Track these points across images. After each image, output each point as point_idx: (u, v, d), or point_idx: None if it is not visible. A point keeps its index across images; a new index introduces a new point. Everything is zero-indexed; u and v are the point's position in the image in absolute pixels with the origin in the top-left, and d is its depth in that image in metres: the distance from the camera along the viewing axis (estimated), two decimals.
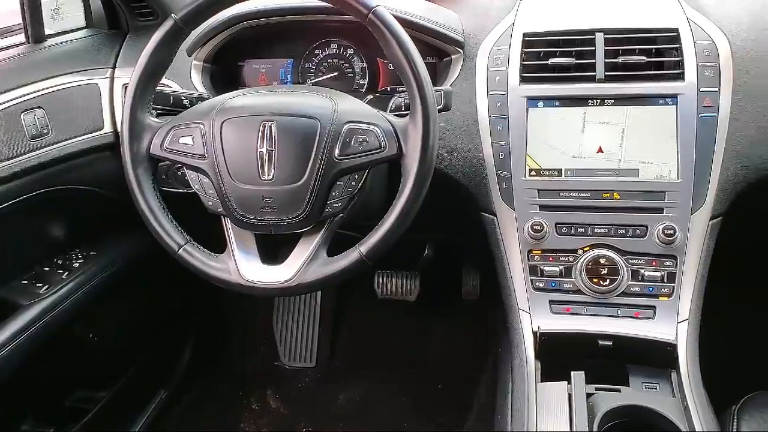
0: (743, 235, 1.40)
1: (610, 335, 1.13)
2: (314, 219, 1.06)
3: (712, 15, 1.27)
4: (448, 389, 2.01)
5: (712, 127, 1.17)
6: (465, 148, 1.26)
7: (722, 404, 1.21)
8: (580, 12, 1.30)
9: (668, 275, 1.14)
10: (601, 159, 1.20)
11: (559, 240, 1.19)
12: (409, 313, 2.17)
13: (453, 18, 1.36)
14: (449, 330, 2.15)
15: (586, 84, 1.21)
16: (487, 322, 1.94)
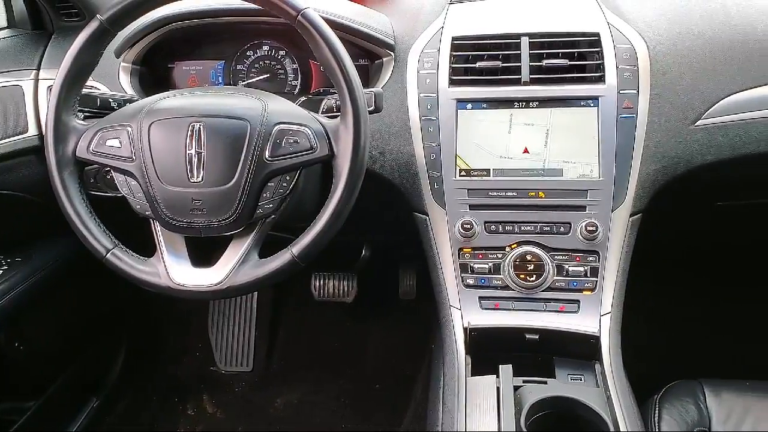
0: (662, 230, 1.46)
1: (536, 329, 1.16)
2: (245, 221, 1.06)
3: (632, 20, 1.32)
4: (385, 389, 2.03)
5: (631, 127, 1.22)
6: (397, 149, 1.28)
7: (647, 393, 1.26)
8: (506, 17, 1.34)
9: (591, 270, 1.19)
10: (527, 159, 1.24)
11: (488, 238, 1.22)
12: (346, 314, 2.18)
13: (384, 21, 1.38)
14: (387, 330, 2.17)
15: (512, 87, 1.25)
16: (424, 321, 1.97)
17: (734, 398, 1.24)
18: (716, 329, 2.00)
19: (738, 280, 2.01)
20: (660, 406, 1.22)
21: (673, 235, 1.77)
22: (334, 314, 2.19)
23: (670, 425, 1.18)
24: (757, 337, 1.96)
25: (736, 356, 1.90)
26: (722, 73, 1.28)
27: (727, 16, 1.34)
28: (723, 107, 1.26)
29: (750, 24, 1.32)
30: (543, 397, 0.99)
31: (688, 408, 1.22)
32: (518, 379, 1.06)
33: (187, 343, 2.20)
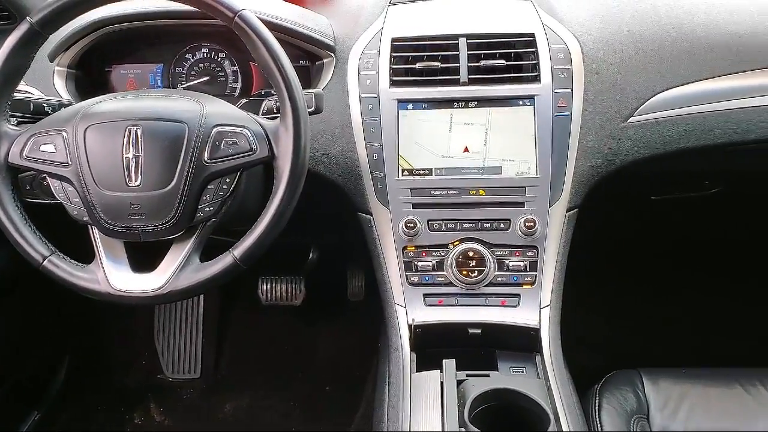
0: (600, 224, 1.50)
1: (479, 323, 1.19)
2: (185, 224, 1.05)
3: (566, 21, 1.36)
4: (336, 390, 2.03)
5: (566, 125, 1.25)
6: (340, 149, 1.29)
7: (588, 383, 1.30)
8: (444, 18, 1.36)
9: (530, 264, 1.22)
10: (468, 158, 1.26)
11: (431, 236, 1.24)
12: (295, 317, 2.17)
13: (323, 23, 1.39)
14: (336, 332, 2.17)
15: (452, 87, 1.27)
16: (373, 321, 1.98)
17: (671, 386, 1.28)
18: (654, 319, 2.06)
19: (673, 272, 2.08)
20: (600, 395, 1.25)
21: (610, 228, 1.82)
22: (282, 318, 2.18)
23: (610, 414, 1.21)
24: (693, 326, 2.03)
25: (674, 345, 1.97)
26: (653, 71, 1.32)
27: (657, 16, 1.39)
28: (654, 104, 1.31)
29: (679, 23, 1.37)
30: (485, 390, 1.00)
31: (627, 396, 1.26)
32: (462, 373, 1.08)
33: (132, 352, 2.16)
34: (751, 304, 2.05)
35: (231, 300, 2.21)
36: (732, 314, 2.06)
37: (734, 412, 1.24)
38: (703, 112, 1.31)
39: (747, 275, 2.08)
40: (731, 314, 2.06)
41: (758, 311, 2.04)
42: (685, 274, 2.08)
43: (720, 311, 2.06)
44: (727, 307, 2.06)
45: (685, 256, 2.06)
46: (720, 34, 1.36)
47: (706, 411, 1.25)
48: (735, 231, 2.00)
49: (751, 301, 2.06)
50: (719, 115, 1.31)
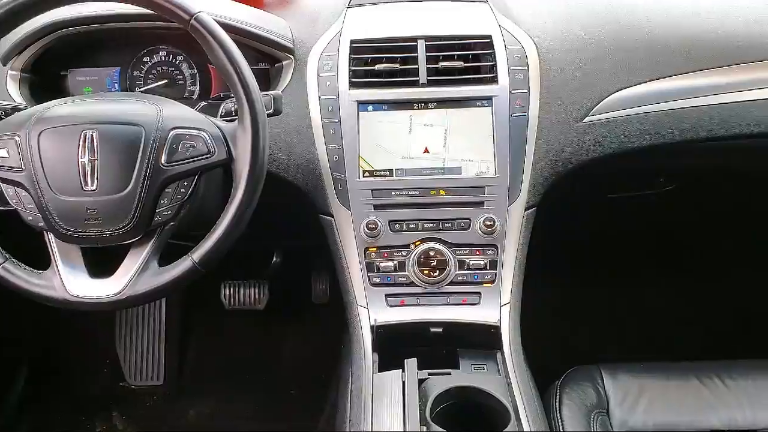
0: (559, 222, 1.52)
1: (440, 322, 1.20)
2: (143, 229, 1.04)
3: (522, 23, 1.38)
4: (301, 393, 2.02)
5: (523, 125, 1.27)
6: (300, 151, 1.29)
7: (551, 379, 1.32)
8: (403, 21, 1.37)
9: (490, 263, 1.23)
10: (428, 159, 1.27)
11: (392, 236, 1.24)
12: (259, 322, 2.16)
13: (282, 25, 1.38)
14: (301, 335, 2.16)
15: (411, 88, 1.28)
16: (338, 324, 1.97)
17: (630, 380, 1.31)
18: (612, 314, 2.10)
19: (631, 268, 2.12)
20: (561, 391, 1.27)
21: (568, 226, 1.85)
22: (246, 322, 2.16)
23: (571, 409, 1.23)
24: (650, 320, 2.07)
25: (632, 339, 2.00)
26: (608, 71, 1.35)
27: (611, 16, 1.41)
28: (609, 104, 1.33)
29: (633, 24, 1.40)
30: (447, 388, 1.01)
31: (588, 392, 1.28)
32: (424, 372, 1.08)
33: (93, 360, 2.12)
34: (704, 298, 2.10)
35: (194, 305, 2.18)
36: (687, 308, 2.11)
37: (691, 404, 1.27)
38: (658, 111, 1.34)
39: (701, 270, 2.14)
40: (686, 308, 2.11)
41: (711, 305, 2.09)
42: (641, 270, 2.12)
43: (676, 306, 2.11)
44: (683, 302, 2.11)
45: (641, 252, 2.10)
46: (674, 35, 1.39)
47: (665, 404, 1.27)
48: (688, 227, 2.04)
49: (704, 295, 2.11)
50: (673, 114, 1.34)
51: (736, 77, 1.37)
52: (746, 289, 2.11)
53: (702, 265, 2.14)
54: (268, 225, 1.57)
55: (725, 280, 2.13)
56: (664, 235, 2.07)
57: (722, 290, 2.12)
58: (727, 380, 1.30)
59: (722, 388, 1.29)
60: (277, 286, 2.08)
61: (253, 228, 1.09)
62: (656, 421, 1.24)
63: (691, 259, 2.14)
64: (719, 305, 2.10)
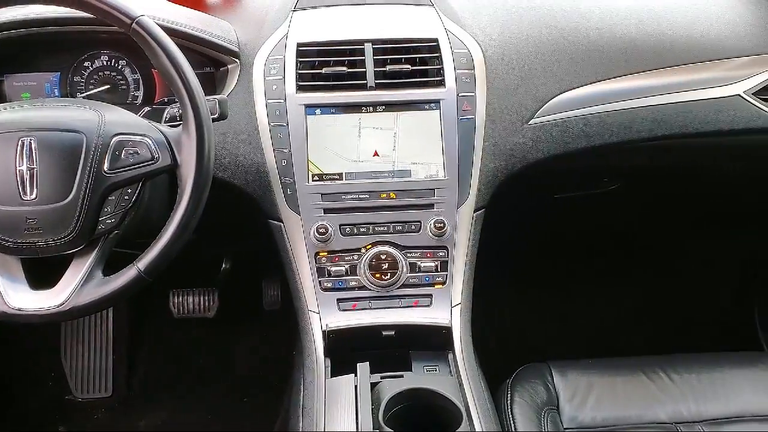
0: (508, 223, 1.54)
1: (392, 325, 1.20)
2: (86, 238, 1.01)
3: (467, 26, 1.39)
4: (254, 400, 2.00)
5: (470, 128, 1.28)
6: (248, 156, 1.27)
7: (502, 378, 1.33)
8: (349, 24, 1.37)
9: (441, 264, 1.24)
10: (378, 162, 1.27)
11: (343, 240, 1.24)
12: (210, 329, 2.12)
13: (227, 28, 1.37)
14: (253, 342, 2.14)
15: (359, 92, 1.28)
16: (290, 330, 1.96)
17: (579, 376, 1.33)
18: (561, 312, 2.14)
19: (579, 265, 2.17)
20: (512, 389, 1.28)
21: (516, 227, 1.88)
22: (196, 330, 2.13)
23: (522, 407, 1.24)
24: (598, 317, 2.12)
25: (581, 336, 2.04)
26: (551, 74, 1.37)
27: (554, 20, 1.44)
28: (553, 106, 1.36)
29: (575, 28, 1.43)
30: (399, 391, 1.01)
31: (538, 389, 1.30)
32: (376, 375, 1.08)
33: (37, 373, 2.05)
34: (650, 293, 2.16)
35: (142, 314, 2.14)
36: (634, 304, 2.16)
37: (638, 399, 1.30)
38: (601, 113, 1.37)
39: (646, 266, 2.19)
40: (633, 304, 2.16)
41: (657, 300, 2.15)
42: (589, 268, 2.17)
43: (623, 301, 2.16)
44: (629, 297, 2.17)
45: (588, 250, 2.15)
46: (614, 38, 1.43)
47: (613, 399, 1.30)
48: (632, 225, 2.10)
49: (649, 291, 2.17)
50: (615, 115, 1.38)
51: (674, 79, 1.41)
52: (689, 284, 2.18)
53: (647, 261, 2.20)
54: (216, 231, 1.55)
55: (669, 276, 2.19)
56: (610, 232, 2.12)
57: (667, 285, 2.18)
58: (672, 374, 1.34)
59: (667, 382, 1.33)
60: (227, 293, 2.05)
61: (200, 234, 1.07)
62: (605, 416, 1.27)
63: (636, 256, 2.19)
64: (664, 300, 2.16)
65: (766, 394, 1.30)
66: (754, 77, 1.42)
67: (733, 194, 1.80)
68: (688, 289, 2.17)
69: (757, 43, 1.46)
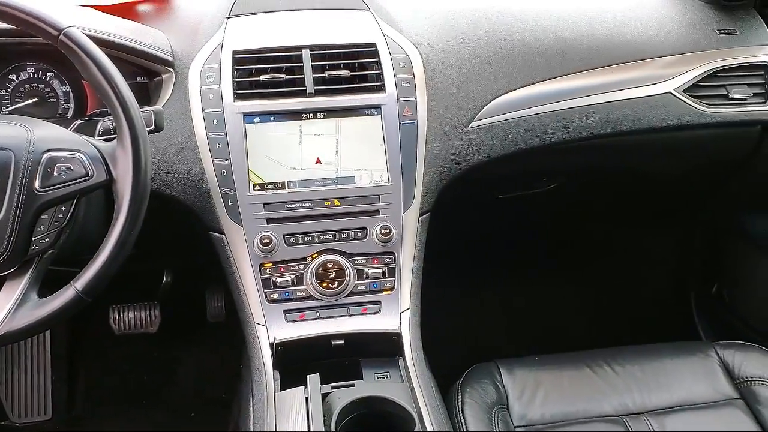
0: (453, 226, 1.55)
1: (341, 334, 1.18)
2: (18, 259, 0.96)
3: (405, 31, 1.40)
4: (201, 416, 1.96)
5: (412, 132, 1.28)
6: (186, 168, 1.24)
7: (452, 380, 1.34)
8: (286, 30, 1.35)
9: (389, 270, 1.23)
10: (320, 169, 1.25)
11: (288, 250, 1.22)
12: (153, 345, 2.07)
13: (160, 37, 1.33)
14: (198, 356, 2.10)
15: (299, 99, 1.27)
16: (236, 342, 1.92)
17: (526, 374, 1.35)
18: (508, 311, 2.17)
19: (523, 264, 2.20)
20: (462, 390, 1.29)
21: (461, 229, 1.89)
22: (139, 346, 2.07)
23: (472, 407, 1.25)
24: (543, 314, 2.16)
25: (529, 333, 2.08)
26: (489, 76, 1.39)
27: (490, 24, 1.46)
28: (493, 108, 1.38)
29: (510, 31, 1.45)
30: (351, 400, 1.00)
31: (487, 389, 1.31)
32: (327, 386, 1.07)
33: None
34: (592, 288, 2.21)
35: (81, 332, 2.06)
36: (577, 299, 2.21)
37: (585, 393, 1.33)
38: (539, 114, 1.40)
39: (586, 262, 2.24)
40: (576, 299, 2.21)
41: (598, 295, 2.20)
42: (532, 266, 2.20)
43: (567, 297, 2.20)
44: (573, 293, 2.21)
45: (531, 249, 2.18)
46: (548, 39, 1.45)
47: (560, 395, 1.32)
48: (573, 222, 2.14)
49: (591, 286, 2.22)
50: (553, 116, 1.41)
51: (608, 78, 1.45)
52: (629, 278, 2.24)
53: (587, 257, 2.25)
54: (156, 245, 1.51)
55: (610, 271, 2.25)
56: (551, 230, 2.16)
57: (608, 280, 2.24)
58: (616, 367, 1.37)
59: (612, 375, 1.36)
60: (169, 307, 2.00)
61: (139, 249, 1.04)
62: (553, 412, 1.29)
63: (577, 252, 2.24)
64: (606, 295, 2.22)
65: (706, 382, 1.34)
66: (682, 75, 1.47)
67: (667, 189, 1.86)
68: (628, 282, 2.23)
69: (684, 42, 1.51)
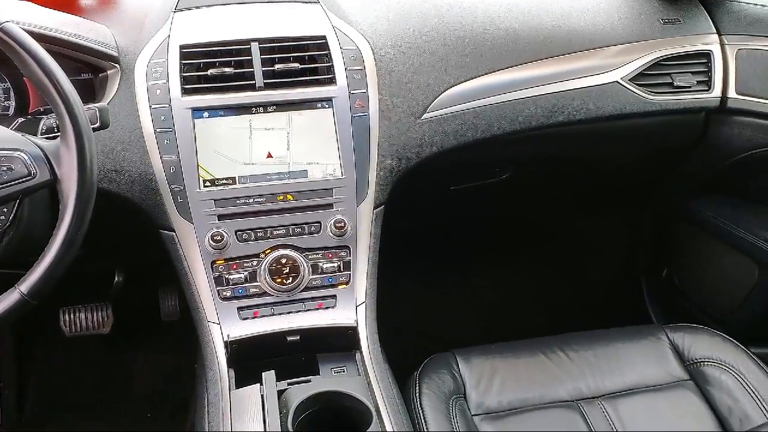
0: (405, 217, 1.55)
1: (297, 330, 1.18)
2: None
3: (355, 23, 1.39)
4: (159, 416, 1.93)
5: (365, 125, 1.27)
6: (134, 165, 1.22)
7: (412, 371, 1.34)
8: (234, 24, 1.33)
9: (344, 264, 1.23)
10: (272, 164, 1.24)
11: (240, 247, 1.20)
12: (106, 346, 2.03)
13: (103, 32, 1.30)
14: (153, 356, 2.06)
15: (248, 92, 1.25)
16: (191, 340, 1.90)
17: (483, 362, 1.36)
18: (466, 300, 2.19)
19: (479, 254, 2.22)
20: (419, 381, 1.29)
21: (417, 220, 1.90)
22: (92, 348, 2.02)
23: (430, 398, 1.26)
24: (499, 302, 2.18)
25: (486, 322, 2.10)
26: (440, 68, 1.39)
27: (440, 16, 1.46)
28: (444, 100, 1.38)
29: (460, 22, 1.46)
30: (307, 396, 1.00)
31: (445, 379, 1.31)
32: (283, 382, 1.06)
33: None
34: (547, 275, 2.25)
35: (31, 336, 2.01)
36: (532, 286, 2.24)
37: (540, 379, 1.34)
38: (491, 104, 1.41)
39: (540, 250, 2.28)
40: (531, 286, 2.24)
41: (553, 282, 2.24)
42: (488, 255, 2.23)
43: (522, 285, 2.23)
44: (528, 280, 2.24)
45: (486, 238, 2.21)
46: (498, 30, 1.46)
47: (516, 382, 1.33)
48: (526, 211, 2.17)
49: (546, 273, 2.25)
50: (504, 107, 1.42)
51: (557, 68, 1.47)
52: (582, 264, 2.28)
53: (541, 244, 2.28)
54: (105, 244, 1.48)
55: (564, 258, 2.28)
56: (506, 220, 2.18)
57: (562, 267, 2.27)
58: (570, 353, 1.39)
59: (566, 361, 1.38)
60: (122, 307, 1.96)
61: (88, 249, 1.01)
62: (510, 399, 1.30)
63: (531, 240, 2.27)
64: (561, 281, 2.25)
65: (657, 364, 1.37)
66: (629, 64, 1.50)
67: (617, 176, 1.89)
68: (582, 269, 2.27)
69: (631, 32, 1.54)
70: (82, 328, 1.90)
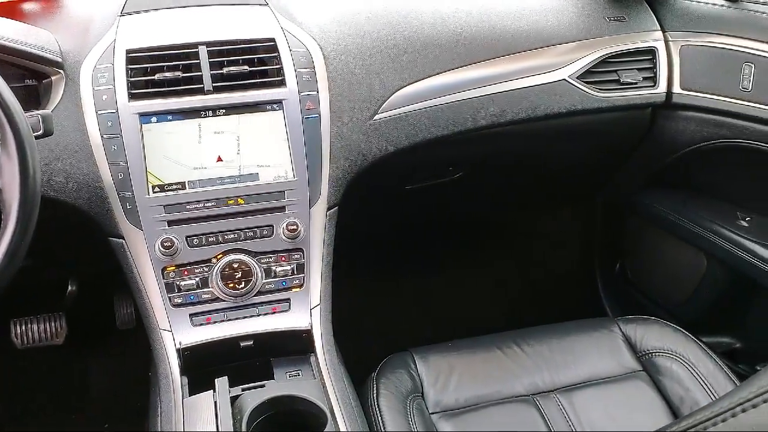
0: (360, 218, 1.55)
1: (250, 335, 1.17)
2: None
3: (304, 25, 1.38)
4: (116, 426, 1.89)
5: (316, 127, 1.27)
6: (81, 172, 1.19)
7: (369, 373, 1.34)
8: (181, 27, 1.32)
9: (297, 267, 1.22)
10: (222, 167, 1.23)
11: (191, 252, 1.19)
12: (60, 357, 1.98)
13: (46, 37, 1.27)
14: (109, 365, 2.03)
15: (197, 96, 1.24)
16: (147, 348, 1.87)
17: (440, 360, 1.37)
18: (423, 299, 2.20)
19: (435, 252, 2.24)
20: (377, 382, 1.30)
21: (371, 220, 1.90)
22: (46, 359, 1.98)
23: (388, 398, 1.26)
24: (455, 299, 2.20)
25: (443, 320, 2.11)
26: (390, 69, 1.40)
27: (389, 18, 1.47)
28: (395, 101, 1.38)
29: (409, 24, 1.46)
30: (261, 401, 0.99)
31: (402, 378, 1.32)
32: (237, 388, 1.06)
33: None
34: (503, 272, 2.27)
35: None
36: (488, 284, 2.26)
37: (497, 375, 1.36)
38: (442, 104, 1.42)
39: (495, 247, 2.30)
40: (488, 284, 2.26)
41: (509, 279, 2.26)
42: (444, 253, 2.24)
43: (478, 283, 2.25)
44: (484, 278, 2.27)
45: (441, 236, 2.22)
46: (447, 30, 1.47)
47: (473, 378, 1.34)
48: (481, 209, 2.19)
49: (502, 270, 2.28)
50: (455, 106, 1.43)
51: (508, 67, 1.48)
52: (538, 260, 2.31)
53: (496, 242, 2.31)
54: (56, 253, 1.45)
55: (520, 255, 2.31)
56: (461, 218, 2.20)
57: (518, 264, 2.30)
58: (526, 347, 1.41)
59: (522, 356, 1.40)
60: (75, 317, 1.92)
61: (37, 258, 0.99)
62: (467, 396, 1.31)
63: (486, 238, 2.29)
64: (517, 278, 2.28)
65: (610, 356, 1.40)
66: (576, 62, 1.52)
67: (569, 172, 1.92)
68: (537, 264, 2.30)
69: (578, 30, 1.56)
70: (35, 340, 1.85)
